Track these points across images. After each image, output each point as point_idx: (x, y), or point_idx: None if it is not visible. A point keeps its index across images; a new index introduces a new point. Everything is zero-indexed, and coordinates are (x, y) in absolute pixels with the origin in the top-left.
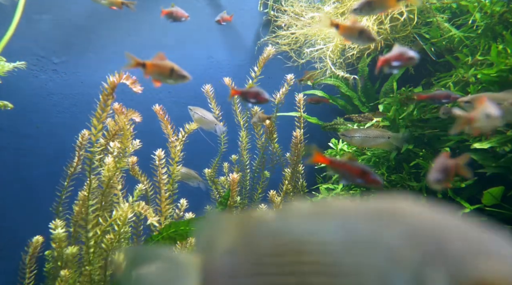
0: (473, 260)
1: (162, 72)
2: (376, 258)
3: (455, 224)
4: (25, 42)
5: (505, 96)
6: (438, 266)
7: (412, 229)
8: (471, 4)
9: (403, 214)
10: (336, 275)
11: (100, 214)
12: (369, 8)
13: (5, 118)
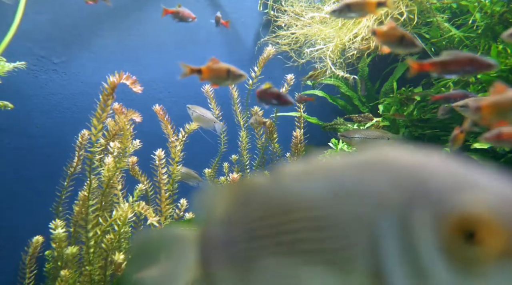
0: (457, 195)
1: (219, 75)
2: (362, 206)
3: (440, 164)
4: (25, 42)
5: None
6: (422, 206)
7: (395, 173)
8: (471, 4)
9: (387, 160)
10: (325, 227)
11: (100, 214)
12: (348, 11)
13: (5, 118)
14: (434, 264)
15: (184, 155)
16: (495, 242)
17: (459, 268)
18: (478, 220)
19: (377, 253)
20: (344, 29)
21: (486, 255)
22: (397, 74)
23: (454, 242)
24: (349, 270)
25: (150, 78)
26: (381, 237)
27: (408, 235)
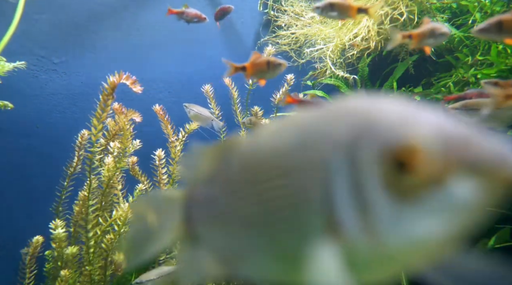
0: (397, 130)
1: (261, 68)
2: (318, 149)
3: (389, 105)
4: (25, 42)
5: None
6: (367, 143)
7: (348, 116)
8: (471, 4)
9: (345, 106)
10: (289, 173)
11: (100, 214)
12: (331, 10)
13: (5, 118)
14: (377, 197)
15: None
16: (426, 170)
17: (398, 197)
18: (411, 150)
19: (330, 192)
20: (344, 29)
21: (419, 183)
22: (397, 74)
23: (392, 173)
24: (308, 212)
25: (150, 78)
26: (333, 176)
27: (355, 172)
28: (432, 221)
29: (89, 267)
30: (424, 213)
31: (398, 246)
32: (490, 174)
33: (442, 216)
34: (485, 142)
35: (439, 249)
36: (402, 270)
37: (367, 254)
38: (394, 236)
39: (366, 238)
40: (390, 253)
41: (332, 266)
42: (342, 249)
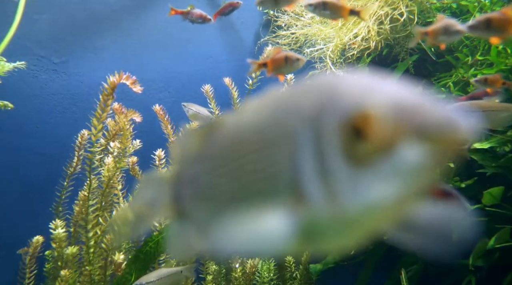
0: (357, 99)
1: (280, 64)
2: (288, 124)
3: (354, 78)
4: (25, 42)
5: (487, 104)
6: (329, 114)
7: (316, 91)
8: (471, 4)
9: (316, 82)
10: (262, 148)
11: (100, 214)
12: (323, 9)
13: (5, 118)
14: (337, 164)
15: None
16: (378, 136)
17: (355, 164)
18: (364, 117)
19: (297, 163)
20: (344, 29)
21: (373, 149)
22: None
23: (349, 141)
24: (278, 184)
25: (150, 78)
26: (299, 148)
27: (319, 142)
28: (385, 185)
29: (89, 267)
30: (378, 177)
31: (357, 210)
32: (437, 138)
33: (394, 180)
34: (434, 108)
35: (394, 212)
36: (363, 235)
37: (331, 221)
38: (353, 201)
39: (328, 205)
40: (350, 218)
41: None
42: (308, 218)
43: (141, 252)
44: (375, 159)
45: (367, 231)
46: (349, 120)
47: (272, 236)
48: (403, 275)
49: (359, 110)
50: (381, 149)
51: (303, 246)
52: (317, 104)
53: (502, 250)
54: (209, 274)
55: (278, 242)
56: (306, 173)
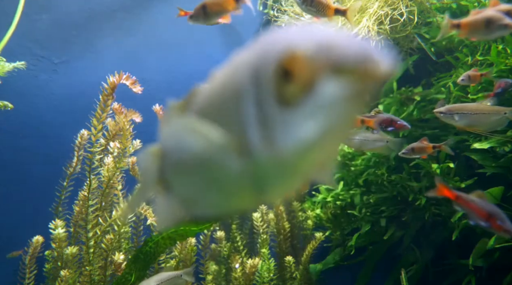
0: (287, 42)
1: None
2: (237, 79)
3: (292, 28)
4: (25, 42)
5: (478, 107)
6: (267, 62)
7: (262, 44)
8: (471, 4)
9: (265, 37)
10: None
11: (100, 214)
12: (310, 5)
13: (5, 118)
14: (271, 108)
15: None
16: (302, 75)
17: (286, 106)
18: (290, 58)
19: (242, 116)
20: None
21: (298, 88)
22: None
23: (280, 83)
24: (230, 140)
25: (150, 78)
26: (244, 100)
27: (258, 91)
28: (313, 122)
29: (89, 267)
30: (306, 116)
31: (291, 151)
32: (352, 70)
33: (320, 116)
34: (349, 43)
35: (326, 149)
36: (304, 177)
37: (272, 166)
38: (286, 142)
39: (267, 150)
40: (287, 160)
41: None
42: (254, 166)
43: (141, 252)
44: (302, 98)
45: (306, 172)
46: (278, 63)
47: (230, 190)
48: (403, 275)
49: (286, 52)
50: (305, 88)
51: (256, 195)
52: (259, 55)
53: (502, 250)
54: (209, 274)
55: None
56: (249, 123)
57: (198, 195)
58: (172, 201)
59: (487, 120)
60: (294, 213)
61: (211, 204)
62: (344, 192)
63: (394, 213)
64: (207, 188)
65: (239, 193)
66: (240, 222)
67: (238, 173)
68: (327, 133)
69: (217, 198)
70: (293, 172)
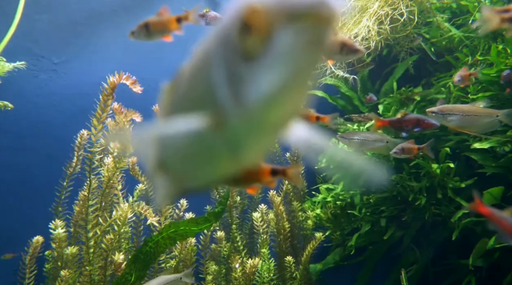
0: (246, 0)
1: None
2: (210, 50)
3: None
4: (25, 42)
5: (470, 109)
6: (233, 22)
7: (232, 7)
8: (471, 4)
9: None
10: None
11: (100, 214)
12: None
13: (5, 118)
14: (237, 65)
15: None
16: (260, 27)
17: (249, 60)
18: (249, 11)
19: (213, 79)
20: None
21: (259, 40)
22: (397, 74)
23: (243, 38)
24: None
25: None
26: (215, 65)
27: (225, 52)
28: (274, 73)
29: (89, 267)
30: (268, 68)
31: (257, 104)
32: (308, 16)
33: (280, 66)
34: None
35: (292, 100)
36: (274, 134)
37: (243, 124)
38: (252, 96)
39: (237, 108)
40: (255, 115)
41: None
42: (227, 132)
43: (141, 252)
44: (263, 49)
45: (276, 126)
46: (239, 18)
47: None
48: (403, 275)
49: (245, 7)
50: (264, 38)
51: (235, 158)
52: (223, 20)
53: (502, 250)
54: (209, 274)
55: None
56: (219, 84)
57: (188, 170)
58: (168, 180)
59: (479, 122)
60: (294, 213)
61: (199, 176)
62: (344, 192)
63: (394, 213)
64: (194, 163)
65: (221, 160)
66: (240, 222)
67: (217, 144)
68: (289, 82)
69: (203, 169)
70: (263, 127)
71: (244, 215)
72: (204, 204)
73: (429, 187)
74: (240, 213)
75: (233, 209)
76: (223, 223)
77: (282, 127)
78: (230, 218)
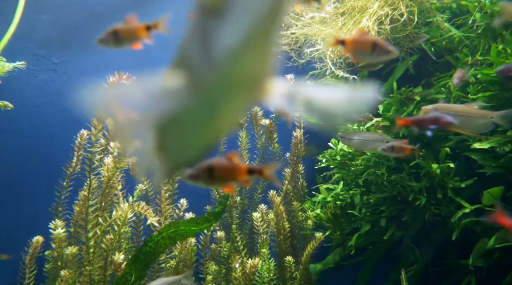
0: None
1: (364, 48)
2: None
3: None
4: (25, 42)
5: (465, 109)
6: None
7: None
8: (471, 4)
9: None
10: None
11: (100, 214)
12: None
13: (5, 118)
14: (204, 23)
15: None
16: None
17: (215, 14)
18: None
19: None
20: (344, 29)
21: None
22: (397, 74)
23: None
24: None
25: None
26: (193, 27)
27: (196, 11)
28: (238, 25)
29: (89, 267)
30: (232, 21)
31: (226, 59)
32: None
33: (242, 18)
34: None
35: (255, 56)
36: (246, 93)
37: (216, 84)
38: (219, 50)
39: (208, 66)
40: (225, 72)
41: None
42: (203, 92)
43: (141, 252)
44: (226, 4)
45: (246, 84)
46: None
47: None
48: (403, 275)
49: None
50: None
51: (214, 122)
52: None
53: (502, 250)
54: (209, 274)
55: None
56: (194, 42)
57: (177, 141)
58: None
59: (473, 123)
60: (294, 213)
61: (186, 146)
62: (344, 192)
63: (394, 213)
64: (181, 132)
65: (202, 125)
66: (240, 222)
67: (197, 107)
68: (252, 34)
69: (189, 137)
70: (233, 84)
71: (244, 215)
72: (204, 204)
73: (429, 187)
74: (240, 213)
75: (233, 209)
76: (223, 223)
77: (254, 85)
78: (230, 218)
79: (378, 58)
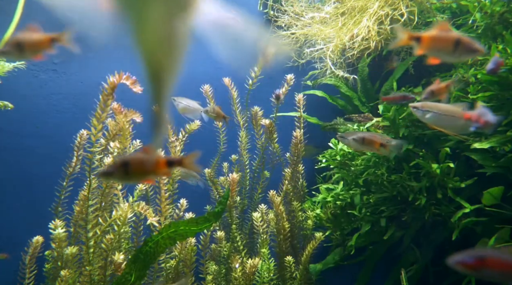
0: None
1: (445, 46)
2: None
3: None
4: None
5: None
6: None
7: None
8: (471, 4)
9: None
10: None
11: (100, 214)
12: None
13: (5, 118)
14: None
15: (184, 155)
16: None
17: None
18: None
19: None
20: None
21: None
22: (397, 74)
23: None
24: None
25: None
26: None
27: None
28: None
29: (89, 267)
30: None
31: None
32: None
33: None
34: None
35: None
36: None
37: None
38: None
39: None
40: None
41: None
42: None
43: (141, 252)
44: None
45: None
46: None
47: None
48: (403, 275)
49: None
50: None
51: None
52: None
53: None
54: (209, 274)
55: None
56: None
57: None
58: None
59: (455, 123)
60: (294, 213)
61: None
62: (344, 192)
63: (394, 213)
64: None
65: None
66: (240, 222)
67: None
68: None
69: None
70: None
71: (244, 215)
72: (204, 204)
73: (429, 187)
74: (240, 213)
75: (233, 209)
76: (223, 223)
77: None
78: (230, 218)
79: (459, 57)
